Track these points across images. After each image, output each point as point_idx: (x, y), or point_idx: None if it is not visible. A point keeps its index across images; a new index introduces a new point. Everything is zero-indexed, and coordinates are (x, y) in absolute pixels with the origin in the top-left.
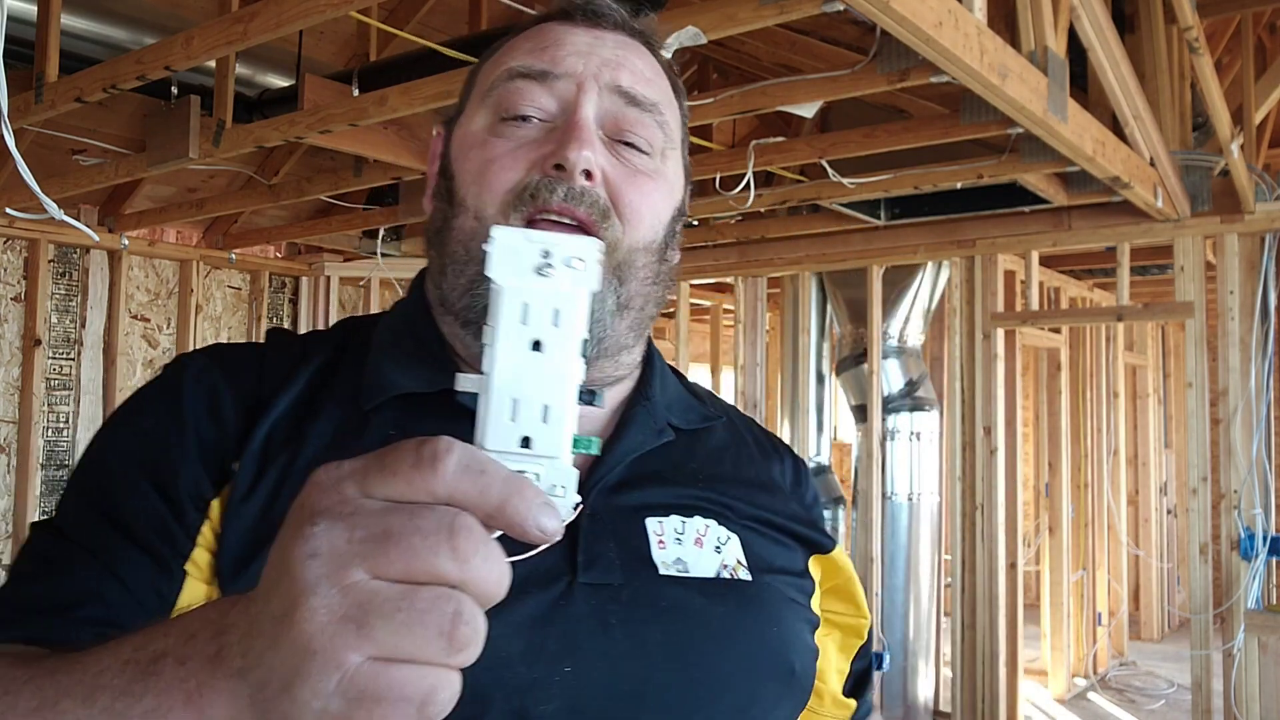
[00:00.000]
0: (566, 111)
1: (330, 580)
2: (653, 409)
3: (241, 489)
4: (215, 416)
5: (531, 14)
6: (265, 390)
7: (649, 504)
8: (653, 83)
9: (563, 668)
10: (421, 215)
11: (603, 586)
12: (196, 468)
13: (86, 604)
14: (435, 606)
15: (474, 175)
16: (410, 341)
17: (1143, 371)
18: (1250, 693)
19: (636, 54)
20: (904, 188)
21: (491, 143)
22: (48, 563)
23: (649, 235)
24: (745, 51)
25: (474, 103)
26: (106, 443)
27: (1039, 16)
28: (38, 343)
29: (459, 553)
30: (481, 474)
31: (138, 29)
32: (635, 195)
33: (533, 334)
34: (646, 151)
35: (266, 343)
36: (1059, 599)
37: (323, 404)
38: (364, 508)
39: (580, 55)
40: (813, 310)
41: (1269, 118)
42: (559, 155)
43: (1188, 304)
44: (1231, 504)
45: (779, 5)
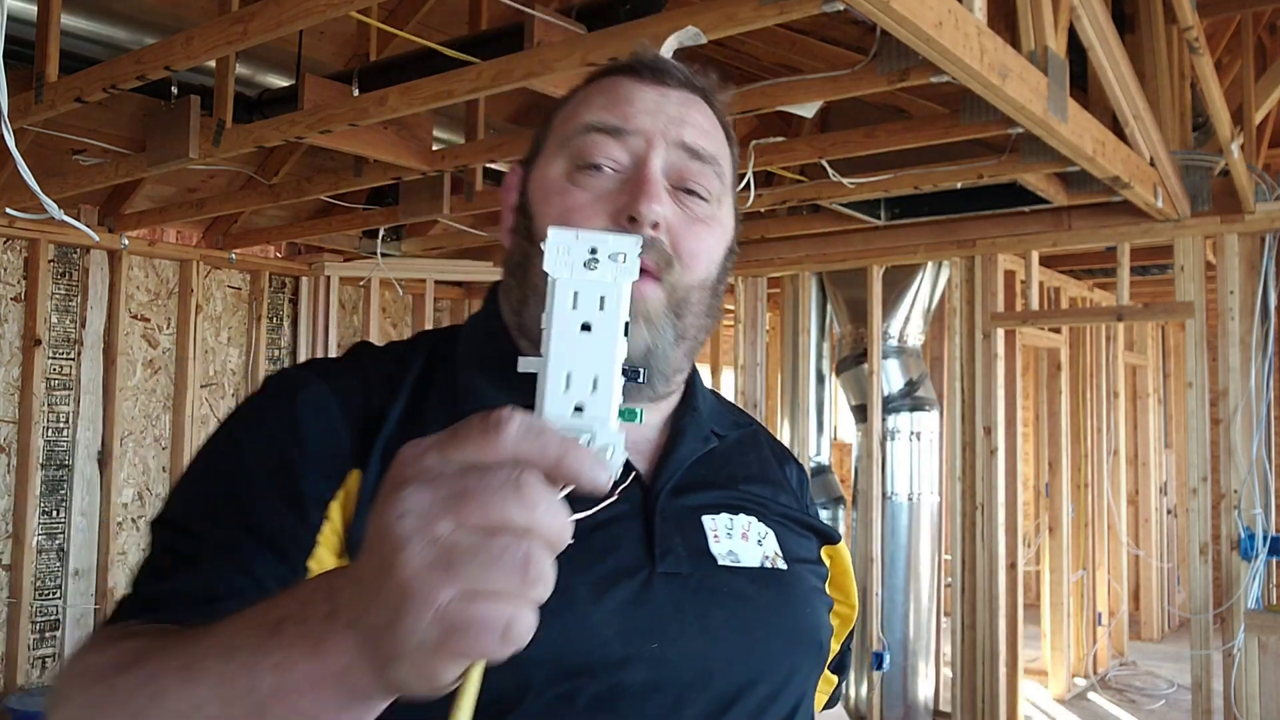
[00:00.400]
0: (637, 164)
1: (421, 533)
2: (699, 419)
3: (369, 491)
4: (330, 429)
5: (529, 12)
6: (373, 403)
7: (703, 504)
8: (711, 135)
9: (650, 645)
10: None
11: (675, 576)
12: (316, 475)
13: (226, 599)
14: (510, 549)
15: (555, 220)
16: (495, 359)
17: (1143, 371)
18: (1250, 693)
19: (698, 109)
20: (904, 188)
21: (571, 191)
22: (185, 560)
23: (704, 275)
24: (745, 51)
25: (551, 149)
26: (228, 452)
27: (1039, 16)
28: (38, 342)
29: (526, 502)
30: (540, 436)
31: (138, 29)
32: (693, 241)
33: (582, 318)
34: (705, 199)
35: (362, 357)
36: (1059, 599)
37: (427, 415)
38: (444, 471)
39: (649, 113)
40: (813, 310)
41: (1269, 118)
42: (632, 208)
43: (1188, 304)
44: (1231, 504)
45: (779, 5)
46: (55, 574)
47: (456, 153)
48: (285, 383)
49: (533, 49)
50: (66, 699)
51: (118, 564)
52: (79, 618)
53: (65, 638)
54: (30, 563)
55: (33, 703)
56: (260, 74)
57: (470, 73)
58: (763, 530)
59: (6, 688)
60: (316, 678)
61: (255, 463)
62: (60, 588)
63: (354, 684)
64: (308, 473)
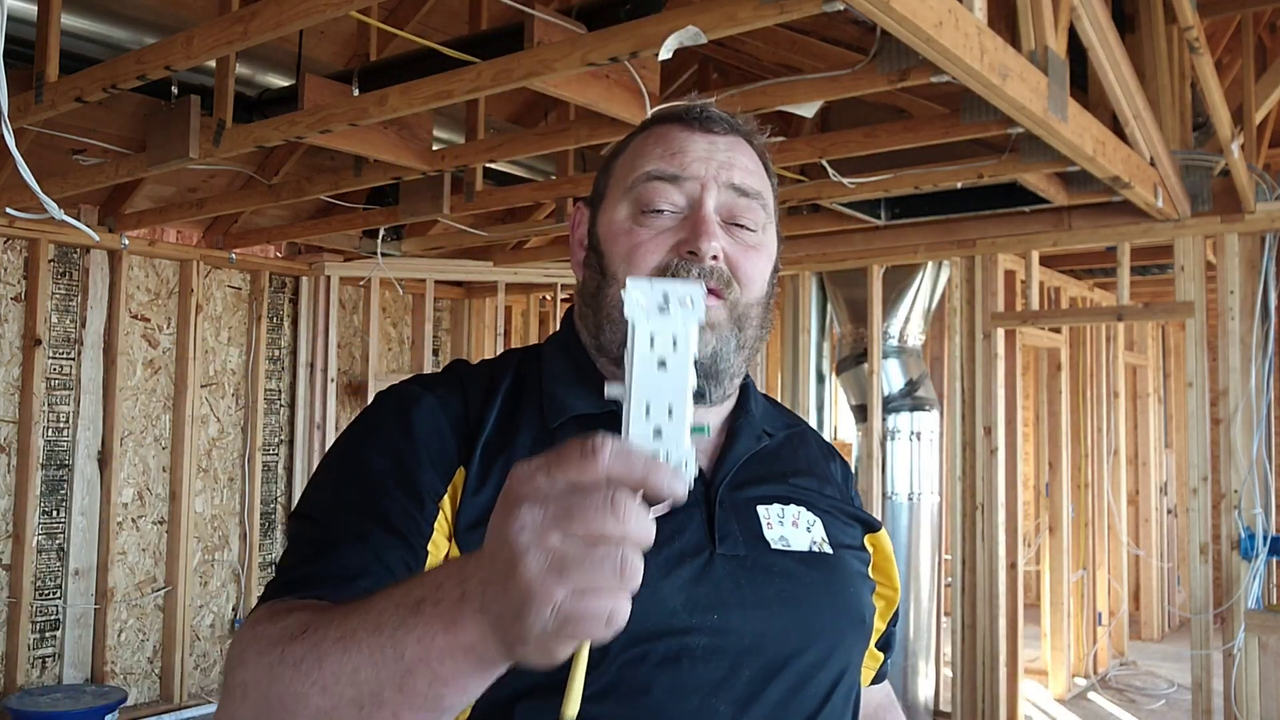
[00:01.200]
0: (693, 206)
1: (536, 545)
2: (752, 420)
3: (473, 485)
4: (439, 434)
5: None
6: (472, 411)
7: (758, 496)
8: (755, 174)
9: (712, 616)
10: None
11: (733, 557)
12: (431, 473)
13: (361, 577)
14: (609, 555)
15: (624, 255)
16: (576, 373)
17: (1143, 371)
18: (1250, 692)
19: (742, 151)
20: (904, 188)
21: (636, 231)
22: (325, 545)
23: (759, 292)
24: (745, 51)
25: (615, 194)
26: (355, 456)
27: (1039, 16)
28: (38, 342)
29: (619, 517)
30: (628, 458)
31: (138, 29)
32: (748, 265)
33: (659, 356)
34: (754, 229)
35: (459, 373)
36: (1059, 599)
37: (519, 421)
38: (551, 492)
39: (701, 160)
40: (813, 310)
41: (1269, 117)
42: (692, 244)
43: (1188, 304)
44: (1232, 504)
45: (779, 5)
46: (55, 574)
47: (456, 153)
48: (398, 396)
49: (533, 49)
50: (244, 662)
51: (118, 564)
52: (79, 617)
53: (65, 637)
54: (30, 562)
55: (33, 702)
56: (260, 74)
57: (470, 73)
58: (811, 519)
59: (6, 688)
60: (452, 648)
61: (379, 464)
62: (60, 587)
63: (483, 654)
64: (423, 471)
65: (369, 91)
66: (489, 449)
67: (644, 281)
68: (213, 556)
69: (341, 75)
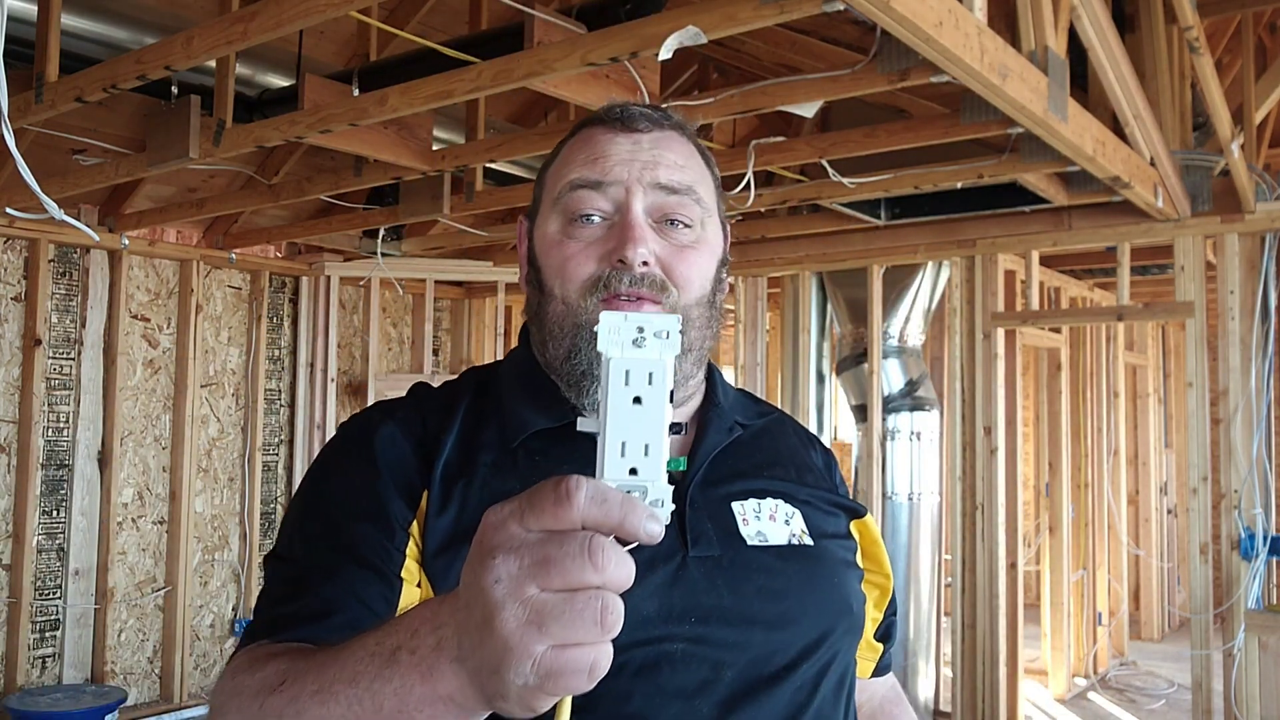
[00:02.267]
0: (620, 210)
1: (513, 597)
2: (721, 412)
3: (435, 508)
4: (401, 460)
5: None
6: (430, 434)
7: (732, 492)
8: (685, 168)
9: (689, 620)
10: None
11: (707, 558)
12: (398, 501)
13: (335, 613)
14: (588, 605)
15: (557, 270)
16: (533, 388)
17: (1143, 371)
18: (1250, 692)
19: (668, 146)
20: (904, 188)
21: (566, 243)
22: (298, 585)
23: (699, 292)
24: (745, 51)
25: (546, 206)
26: (322, 491)
27: (1039, 16)
28: (38, 342)
29: (597, 565)
30: (604, 502)
31: (138, 29)
32: (684, 266)
33: (634, 392)
34: (689, 225)
35: (418, 396)
36: (1059, 599)
37: (480, 439)
38: (526, 541)
39: (624, 163)
40: (813, 310)
41: (1269, 117)
42: (620, 253)
43: (1188, 304)
44: (1232, 504)
45: (779, 5)
46: (55, 574)
47: (456, 153)
48: (359, 426)
49: (533, 49)
50: (224, 713)
51: (118, 564)
52: (79, 617)
53: (65, 637)
54: (30, 562)
55: (33, 702)
56: (260, 74)
57: (470, 73)
58: (790, 511)
59: (6, 688)
60: (430, 698)
61: (346, 497)
62: (60, 587)
63: (462, 704)
64: (391, 500)
65: (369, 91)
66: (449, 471)
67: (618, 314)
68: (213, 556)
69: (342, 75)
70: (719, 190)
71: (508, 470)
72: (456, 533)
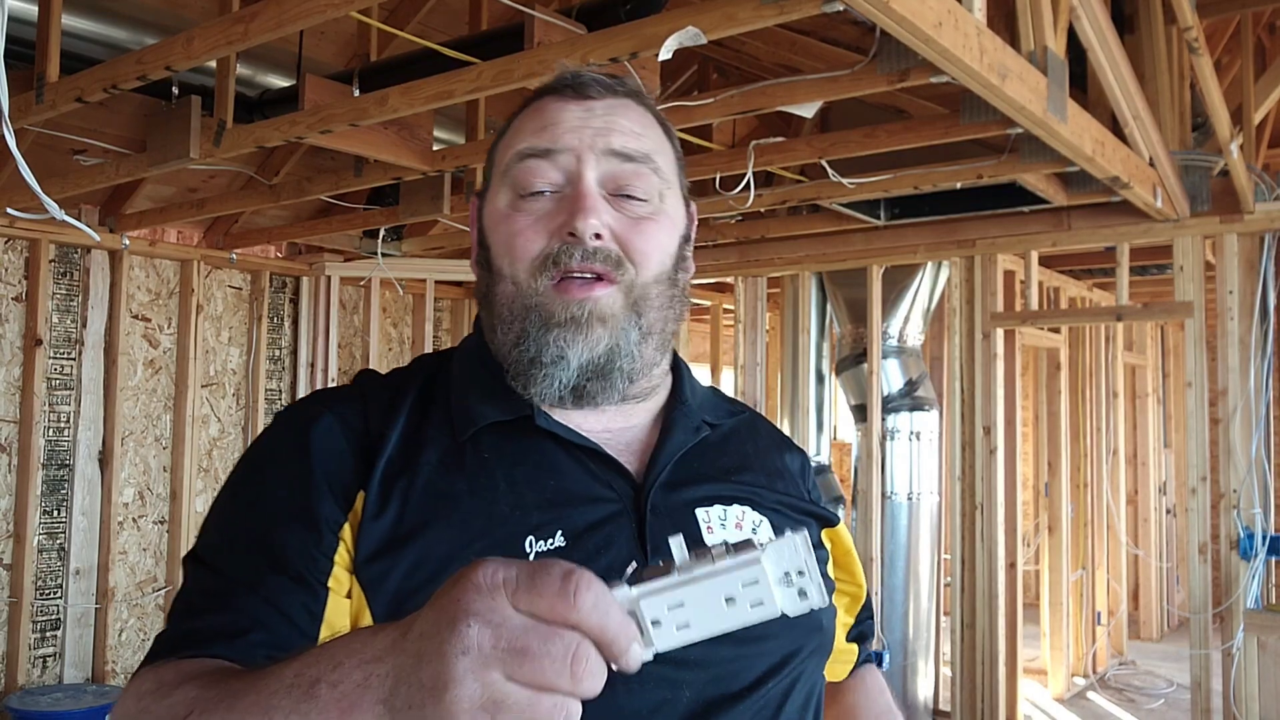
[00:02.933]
0: (571, 181)
1: (475, 675)
2: (688, 410)
3: (372, 510)
4: (338, 457)
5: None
6: (373, 427)
7: (697, 497)
8: (642, 136)
9: None
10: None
11: None
12: (329, 502)
13: (254, 630)
14: (552, 713)
15: (504, 247)
16: (486, 378)
17: (1142, 371)
18: (1249, 692)
19: (624, 114)
20: (904, 188)
21: (514, 217)
22: (215, 596)
23: (658, 269)
24: (745, 51)
25: (495, 181)
26: (249, 489)
27: (1039, 17)
28: (39, 342)
29: (576, 676)
30: (606, 614)
31: (138, 29)
32: (640, 240)
33: (730, 595)
34: (645, 198)
35: (361, 384)
36: (1058, 598)
37: (426, 434)
38: (509, 620)
39: (574, 130)
40: (813, 310)
41: (1268, 118)
42: (571, 225)
43: (1187, 304)
44: (1231, 504)
45: (779, 5)
46: (56, 573)
47: (457, 153)
48: (295, 416)
49: (533, 49)
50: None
51: (118, 563)
52: (79, 617)
53: (65, 637)
54: (31, 562)
55: (33, 702)
56: (261, 74)
57: (471, 73)
58: (756, 519)
59: (7, 687)
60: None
61: (273, 498)
62: (61, 587)
63: None
64: (321, 501)
65: (369, 92)
66: (390, 469)
67: (800, 545)
68: None
69: (342, 75)
70: (680, 163)
71: (454, 468)
72: (394, 538)
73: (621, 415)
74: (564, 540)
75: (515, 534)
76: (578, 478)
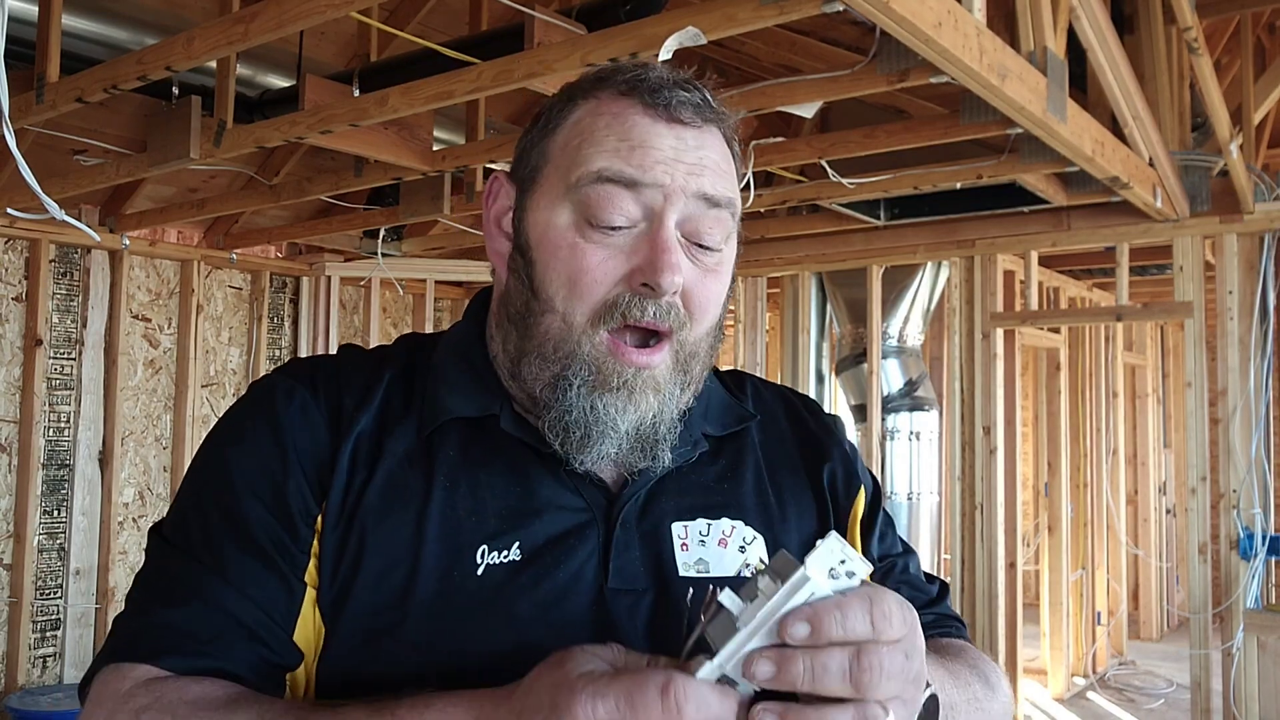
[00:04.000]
0: (652, 222)
1: None
2: (689, 422)
3: (335, 502)
4: (313, 436)
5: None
6: (347, 404)
7: (678, 509)
8: (727, 175)
9: None
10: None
11: (628, 592)
12: (302, 488)
13: (228, 632)
14: None
15: (565, 280)
16: (467, 370)
17: (1142, 371)
18: (1249, 692)
19: (714, 148)
20: (904, 188)
21: (581, 248)
22: (186, 586)
23: (712, 322)
24: (745, 51)
25: (554, 186)
26: (217, 470)
27: (1038, 17)
28: (39, 342)
29: None
30: (709, 711)
31: (139, 29)
32: (703, 294)
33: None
34: (717, 249)
35: (341, 358)
36: (1058, 598)
37: (396, 422)
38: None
39: (666, 163)
40: (813, 310)
41: (1268, 118)
42: (650, 277)
43: (1187, 304)
44: (1230, 504)
45: (779, 5)
46: (56, 573)
47: (456, 153)
48: (268, 390)
49: (533, 49)
50: None
51: (118, 563)
52: (79, 617)
53: (66, 637)
54: (31, 562)
55: (33, 702)
56: (261, 74)
57: (471, 73)
58: (749, 535)
59: (7, 687)
60: None
61: (243, 480)
62: (61, 587)
63: None
64: (294, 489)
65: (369, 92)
66: (357, 455)
67: (834, 550)
68: None
69: (342, 76)
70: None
71: (416, 462)
72: (340, 517)
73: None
74: (519, 554)
75: (470, 542)
76: (545, 484)
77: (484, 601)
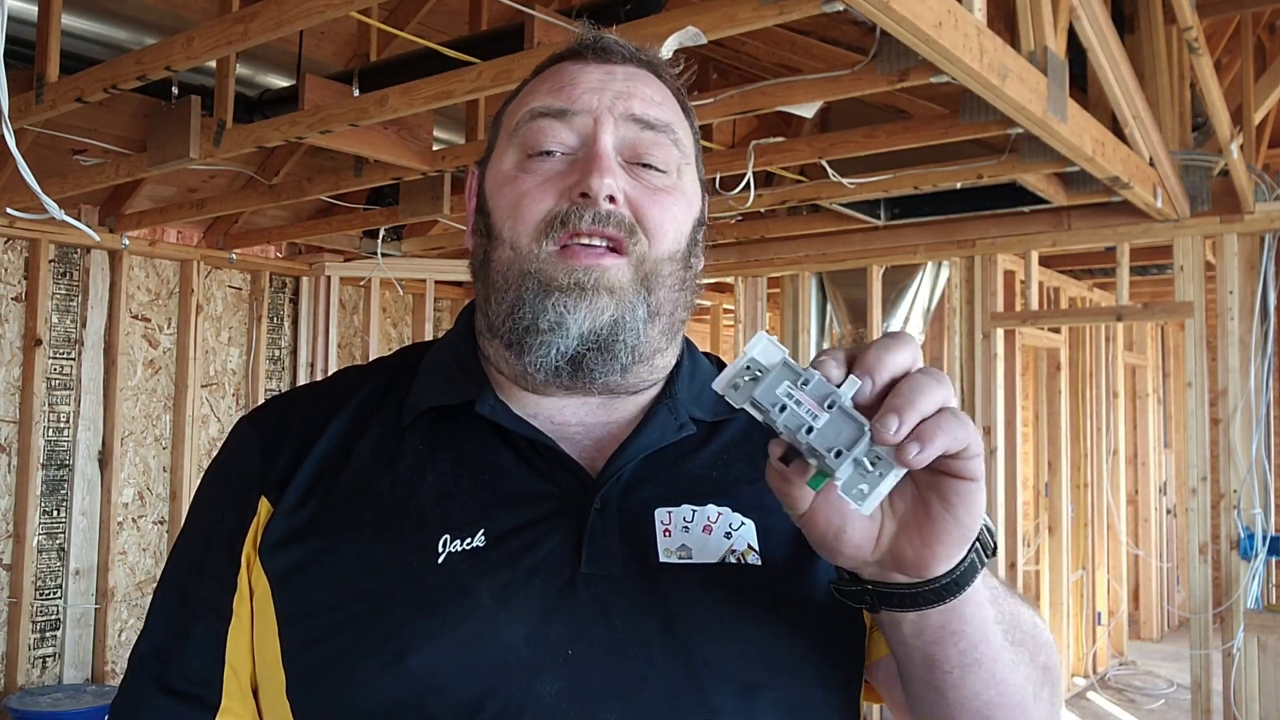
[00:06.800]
0: (586, 144)
1: None
2: (675, 405)
3: (290, 503)
4: (243, 471)
5: (529, 12)
6: (315, 423)
7: (663, 495)
8: (663, 105)
9: (565, 652)
10: (421, 215)
11: (603, 577)
12: (234, 523)
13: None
14: None
15: (508, 209)
16: (451, 364)
17: (1142, 371)
18: (1250, 692)
19: (645, 82)
20: (904, 188)
21: (521, 178)
22: (178, 624)
23: (673, 246)
24: (745, 51)
25: (502, 142)
26: (192, 510)
27: (1039, 17)
28: (38, 342)
29: None
30: None
31: (138, 29)
32: (656, 211)
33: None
34: (663, 170)
35: (330, 379)
36: (1059, 599)
37: (369, 425)
38: None
39: (594, 91)
40: (813, 310)
41: (1268, 118)
42: (583, 184)
43: (1187, 304)
44: (1231, 504)
45: (779, 5)
46: (56, 573)
47: (456, 153)
48: (234, 432)
49: (533, 49)
50: None
51: (118, 563)
52: (79, 617)
53: (65, 637)
54: (31, 562)
55: (33, 702)
56: (261, 74)
57: (470, 73)
58: (736, 521)
59: (6, 688)
60: None
61: (195, 533)
62: (61, 587)
63: None
64: (222, 534)
65: (369, 92)
66: (325, 463)
67: (765, 340)
68: None
69: (342, 75)
70: (698, 144)
71: (384, 461)
72: (304, 530)
73: (604, 409)
74: (484, 540)
75: (433, 533)
76: (516, 472)
77: (440, 588)
